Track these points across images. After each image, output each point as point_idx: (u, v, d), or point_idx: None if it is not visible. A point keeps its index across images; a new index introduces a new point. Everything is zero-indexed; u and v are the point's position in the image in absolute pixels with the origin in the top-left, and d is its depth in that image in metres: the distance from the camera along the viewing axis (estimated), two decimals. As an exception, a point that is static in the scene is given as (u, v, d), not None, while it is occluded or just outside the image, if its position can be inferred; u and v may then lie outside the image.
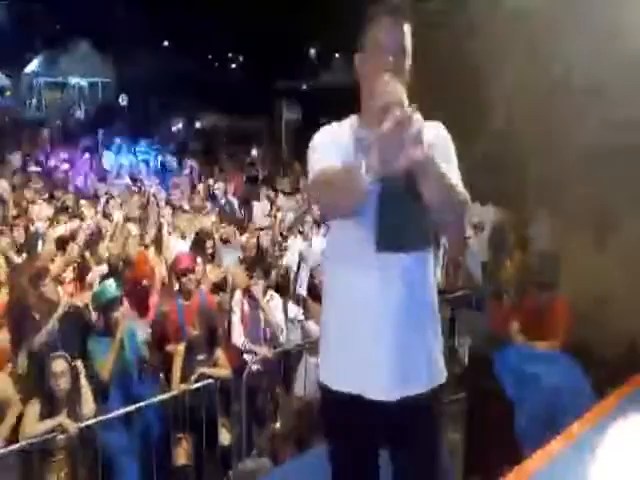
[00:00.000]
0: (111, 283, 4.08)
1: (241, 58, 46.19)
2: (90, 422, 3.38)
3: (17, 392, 3.63)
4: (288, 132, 10.43)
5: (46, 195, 7.89)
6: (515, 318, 3.89)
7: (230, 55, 46.84)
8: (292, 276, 5.33)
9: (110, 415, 3.48)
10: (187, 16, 38.48)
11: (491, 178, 4.79)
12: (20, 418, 3.41)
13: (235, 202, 8.18)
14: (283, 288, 4.97)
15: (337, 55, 33.30)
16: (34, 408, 3.35)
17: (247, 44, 38.80)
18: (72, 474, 3.38)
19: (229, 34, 38.14)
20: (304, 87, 29.70)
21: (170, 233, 6.04)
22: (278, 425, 4.28)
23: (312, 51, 39.33)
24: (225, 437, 4.13)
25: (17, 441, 3.23)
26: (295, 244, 5.90)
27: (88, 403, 3.49)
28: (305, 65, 32.14)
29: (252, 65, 39.35)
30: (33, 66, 44.26)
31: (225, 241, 6.06)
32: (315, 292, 4.63)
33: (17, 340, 3.98)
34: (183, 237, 6.02)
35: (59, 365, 3.42)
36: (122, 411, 3.53)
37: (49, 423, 3.26)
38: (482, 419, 3.55)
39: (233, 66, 46.78)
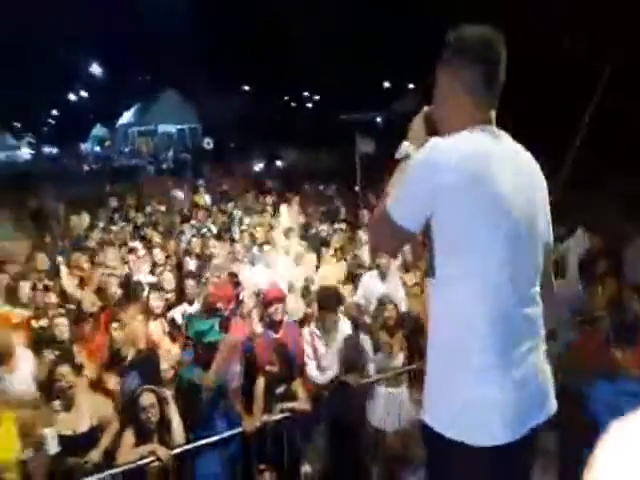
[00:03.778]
0: (215, 326, 4.18)
1: (316, 97, 47.75)
2: (180, 450, 3.53)
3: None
4: (362, 165, 10.57)
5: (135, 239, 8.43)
6: (614, 348, 3.62)
7: (305, 94, 48.60)
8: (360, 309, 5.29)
9: (199, 443, 3.61)
10: (263, 61, 40.60)
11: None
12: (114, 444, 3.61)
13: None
14: (354, 320, 4.94)
15: (411, 86, 33.49)
16: (129, 435, 3.56)
17: (321, 83, 40.11)
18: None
19: (303, 74, 39.66)
20: (378, 119, 30.08)
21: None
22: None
23: (386, 84, 39.80)
24: (306, 469, 4.14)
25: (112, 466, 3.42)
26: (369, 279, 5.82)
27: (178, 432, 3.65)
28: (378, 97, 32.58)
29: (326, 102, 40.50)
30: (127, 117, 48.42)
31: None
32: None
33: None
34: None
35: (148, 398, 3.61)
36: (209, 440, 3.64)
37: (142, 450, 3.45)
38: (574, 460, 3.30)
39: (309, 105, 48.41)
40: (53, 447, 3.33)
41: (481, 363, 1.51)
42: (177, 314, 5.19)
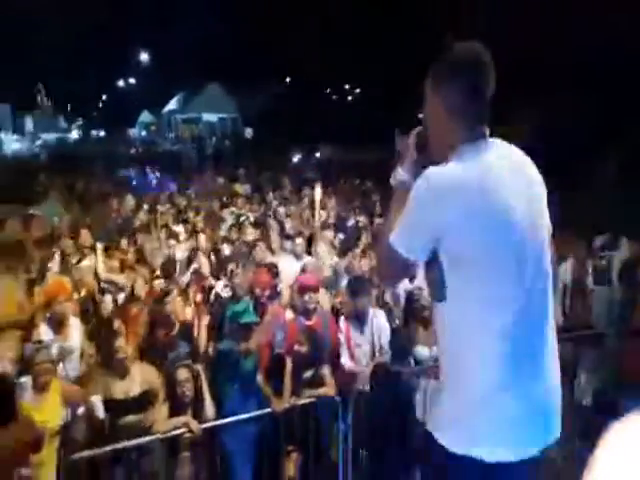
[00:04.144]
0: (250, 308, 4.35)
1: (357, 90, 47.56)
2: (211, 424, 3.70)
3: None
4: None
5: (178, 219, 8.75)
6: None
7: (347, 87, 48.47)
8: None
9: (229, 420, 3.77)
10: (306, 52, 40.66)
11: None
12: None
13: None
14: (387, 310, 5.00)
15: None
16: (164, 407, 3.75)
17: (363, 76, 39.90)
18: (195, 470, 3.72)
19: (346, 67, 39.56)
20: (420, 115, 29.70)
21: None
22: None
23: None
24: (332, 455, 4.25)
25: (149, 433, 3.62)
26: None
27: (209, 407, 3.82)
28: (421, 94, 32.13)
29: (368, 96, 40.29)
30: (171, 105, 49.53)
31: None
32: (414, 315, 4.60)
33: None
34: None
35: (183, 373, 3.81)
36: (239, 417, 3.79)
37: (177, 421, 3.63)
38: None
39: (350, 98, 48.28)
40: (101, 413, 3.56)
41: (491, 382, 1.51)
42: (220, 290, 5.38)
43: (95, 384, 3.75)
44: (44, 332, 4.32)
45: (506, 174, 1.54)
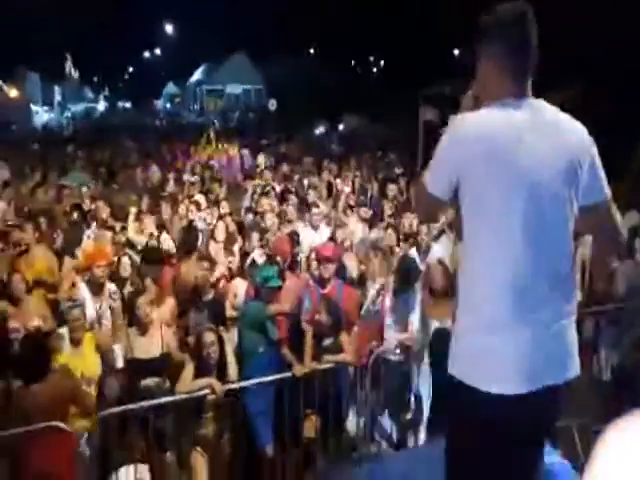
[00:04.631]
0: (276, 274, 4.49)
1: (382, 62, 46.67)
2: (234, 386, 3.85)
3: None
4: (425, 136, 10.43)
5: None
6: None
7: (372, 59, 47.58)
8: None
9: (250, 382, 3.91)
10: (330, 24, 39.94)
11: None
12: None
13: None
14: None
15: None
16: (190, 368, 3.90)
17: (388, 48, 39.10)
18: (219, 431, 3.88)
19: (371, 39, 38.78)
20: (446, 91, 29.09)
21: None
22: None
23: (456, 53, 38.24)
24: (351, 420, 4.38)
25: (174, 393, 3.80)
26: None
27: (232, 368, 3.97)
28: (447, 68, 31.48)
29: (392, 69, 39.55)
30: (196, 76, 49.40)
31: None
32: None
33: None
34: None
35: (209, 336, 3.93)
36: (261, 379, 3.93)
37: (201, 382, 3.78)
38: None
39: (374, 70, 47.44)
40: (119, 362, 3.75)
41: (494, 317, 1.60)
42: (258, 257, 5.55)
43: (119, 337, 3.95)
44: (82, 292, 4.59)
45: (534, 134, 1.60)
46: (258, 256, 5.53)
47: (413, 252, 5.59)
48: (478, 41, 1.71)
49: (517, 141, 1.57)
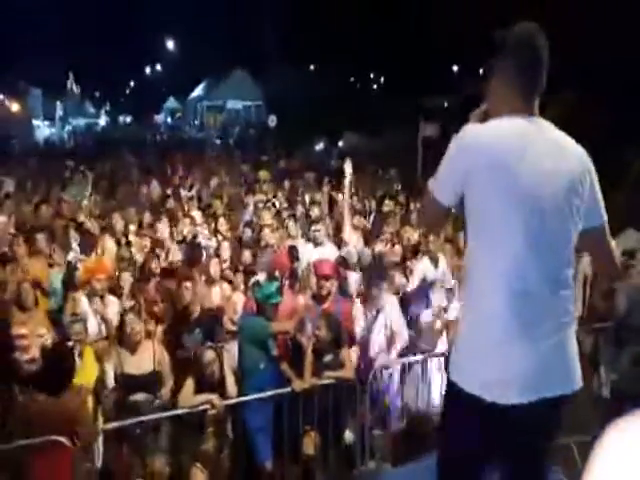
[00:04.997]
0: (276, 289, 4.52)
1: (382, 79, 47.11)
2: (234, 401, 3.84)
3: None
4: (425, 149, 10.53)
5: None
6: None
7: (372, 75, 48.03)
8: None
9: (249, 397, 3.90)
10: (330, 40, 40.42)
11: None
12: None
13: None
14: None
15: (481, 70, 32.24)
16: (190, 384, 3.90)
17: (388, 64, 39.52)
18: (218, 446, 3.87)
19: (370, 56, 39.20)
20: (445, 104, 29.34)
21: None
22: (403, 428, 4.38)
23: (455, 67, 38.66)
24: (349, 436, 4.36)
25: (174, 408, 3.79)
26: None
27: (231, 385, 3.96)
28: (446, 81, 31.76)
29: (392, 84, 39.91)
30: (197, 92, 49.77)
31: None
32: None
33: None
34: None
35: (210, 355, 3.95)
36: (260, 395, 3.93)
37: (202, 397, 3.78)
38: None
39: (374, 86, 47.85)
40: (110, 382, 3.75)
41: (496, 327, 1.62)
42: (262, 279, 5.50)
43: (110, 355, 3.96)
44: (83, 305, 4.59)
45: (537, 151, 1.64)
46: (263, 279, 5.50)
47: (427, 262, 5.64)
48: (491, 56, 1.77)
49: (521, 155, 1.62)
